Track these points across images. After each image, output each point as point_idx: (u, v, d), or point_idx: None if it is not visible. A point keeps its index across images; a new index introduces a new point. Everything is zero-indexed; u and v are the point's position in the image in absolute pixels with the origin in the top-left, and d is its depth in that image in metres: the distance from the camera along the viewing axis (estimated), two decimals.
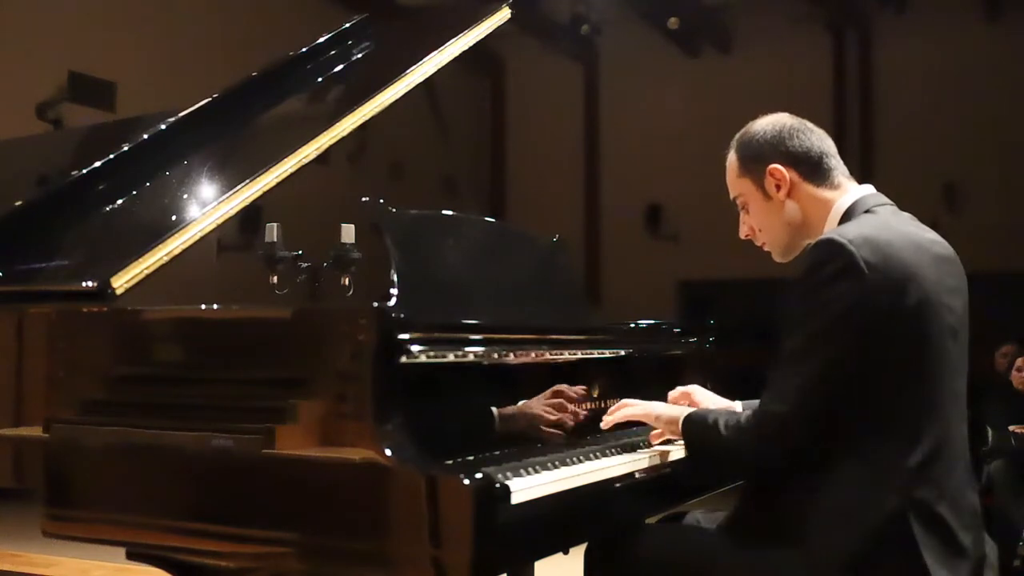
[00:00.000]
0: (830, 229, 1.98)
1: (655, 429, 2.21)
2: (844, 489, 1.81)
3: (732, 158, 2.14)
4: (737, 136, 2.14)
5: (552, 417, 2.20)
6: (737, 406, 2.30)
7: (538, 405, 2.19)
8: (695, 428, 2.03)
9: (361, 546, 1.75)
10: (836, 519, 1.80)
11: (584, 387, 2.33)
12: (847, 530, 1.79)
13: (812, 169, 2.05)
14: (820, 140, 2.08)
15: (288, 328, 1.92)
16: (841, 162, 2.09)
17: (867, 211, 1.98)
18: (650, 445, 2.22)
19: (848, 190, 2.05)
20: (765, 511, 1.93)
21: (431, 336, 1.90)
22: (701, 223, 10.40)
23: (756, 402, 2.00)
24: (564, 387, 2.26)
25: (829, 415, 1.84)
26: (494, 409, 2.09)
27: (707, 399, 2.29)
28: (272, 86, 2.94)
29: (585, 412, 2.31)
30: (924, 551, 1.77)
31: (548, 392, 2.23)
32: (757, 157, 2.08)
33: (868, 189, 2.06)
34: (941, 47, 10.39)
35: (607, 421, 2.22)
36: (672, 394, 2.34)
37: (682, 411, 2.09)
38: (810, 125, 2.09)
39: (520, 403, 2.17)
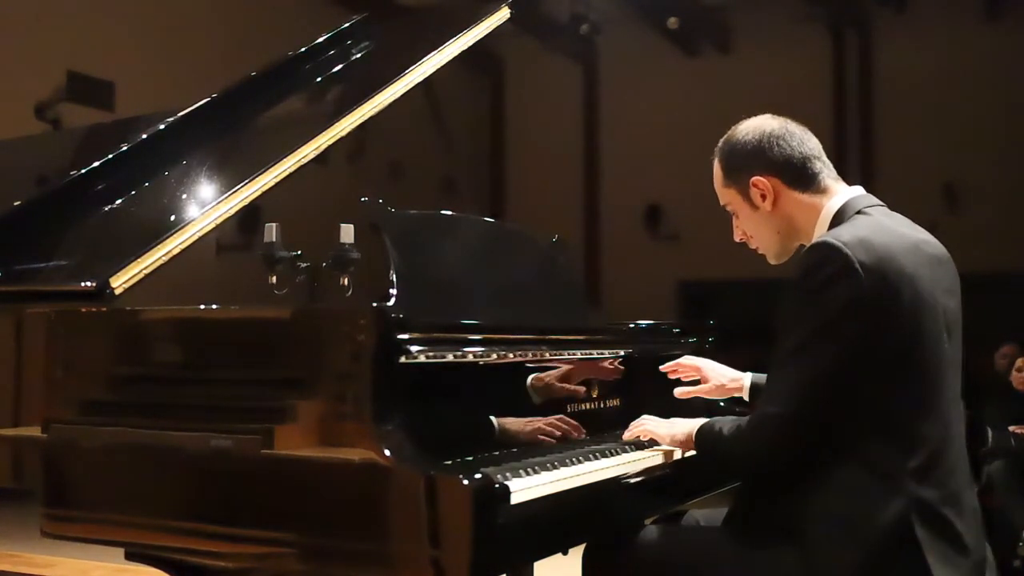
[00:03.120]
0: (822, 232, 1.98)
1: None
2: (846, 493, 1.81)
3: (716, 168, 2.13)
4: (720, 144, 2.13)
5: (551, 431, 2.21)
6: (747, 378, 2.35)
7: (539, 422, 2.19)
8: (705, 439, 2.04)
9: (360, 546, 1.74)
10: (839, 523, 1.80)
11: (584, 390, 2.33)
12: (851, 535, 1.79)
13: (796, 176, 2.03)
14: (801, 144, 2.04)
15: (287, 328, 1.92)
16: (828, 163, 2.07)
17: (859, 212, 1.97)
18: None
19: (836, 192, 2.03)
20: (765, 513, 1.92)
21: (430, 336, 1.89)
22: (701, 223, 10.37)
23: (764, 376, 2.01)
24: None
25: (829, 418, 1.84)
26: (494, 419, 2.09)
27: (715, 374, 2.36)
28: (271, 86, 2.94)
29: (585, 411, 2.32)
30: (928, 555, 1.76)
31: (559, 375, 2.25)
32: (739, 168, 2.06)
33: (858, 190, 2.05)
34: (941, 47, 10.39)
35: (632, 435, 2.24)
36: (683, 361, 2.42)
37: (693, 427, 2.08)
38: (792, 128, 2.06)
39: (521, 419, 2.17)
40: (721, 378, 2.38)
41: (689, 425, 2.11)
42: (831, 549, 1.79)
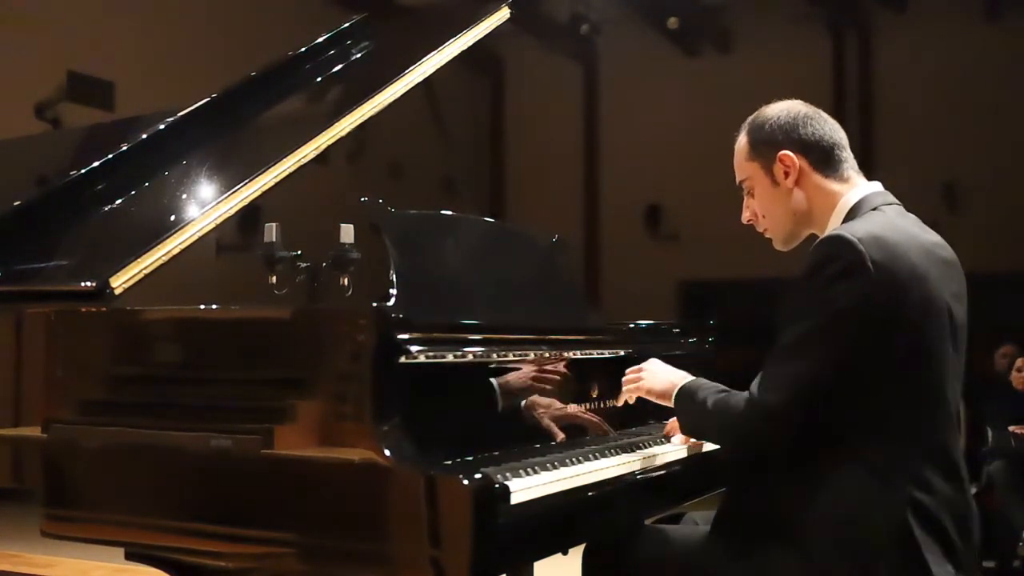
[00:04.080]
0: (836, 223, 1.97)
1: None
2: (844, 493, 1.81)
3: (743, 140, 2.10)
4: (749, 119, 2.11)
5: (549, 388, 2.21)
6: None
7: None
8: (686, 402, 2.04)
9: (360, 546, 1.74)
10: (836, 524, 1.80)
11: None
12: (848, 535, 1.79)
13: (823, 159, 2.03)
14: (833, 130, 2.05)
15: (287, 328, 1.92)
16: (851, 155, 2.07)
17: (874, 209, 1.96)
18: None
19: (856, 184, 2.03)
20: (762, 512, 1.92)
21: (430, 336, 1.89)
22: (701, 223, 10.42)
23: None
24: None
25: (827, 416, 1.83)
26: (494, 381, 2.09)
27: (657, 373, 2.19)
28: (271, 86, 2.94)
29: (584, 411, 2.32)
30: (927, 553, 1.76)
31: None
32: (769, 142, 2.05)
33: (876, 186, 2.04)
34: (941, 47, 10.39)
35: (623, 399, 2.23)
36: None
37: (675, 384, 2.09)
38: (824, 115, 2.07)
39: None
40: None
41: (670, 380, 2.11)
42: (828, 549, 1.79)
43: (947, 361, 1.87)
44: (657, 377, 2.16)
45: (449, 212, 2.55)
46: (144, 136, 2.67)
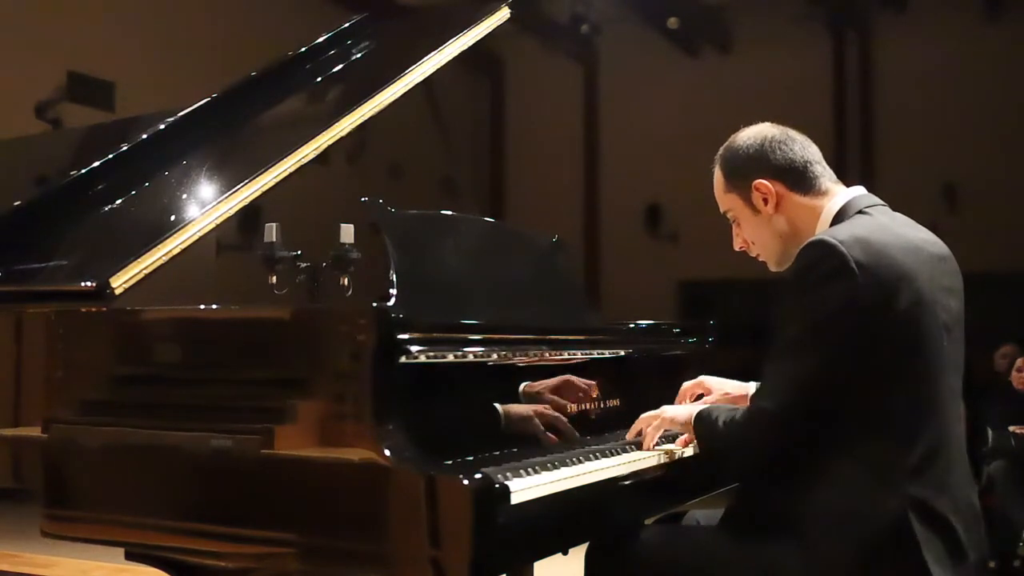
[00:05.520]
0: (823, 231, 1.98)
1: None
2: (843, 490, 1.81)
3: (717, 174, 2.14)
4: (720, 151, 2.14)
5: (556, 413, 2.22)
6: (751, 387, 2.28)
7: (541, 405, 2.20)
8: (702, 426, 2.05)
9: (360, 546, 1.74)
10: (836, 520, 1.81)
11: (590, 383, 2.33)
12: (848, 531, 1.79)
13: (798, 179, 2.05)
14: (803, 148, 2.07)
15: (287, 328, 1.92)
16: (827, 167, 2.09)
17: (860, 212, 1.98)
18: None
19: (836, 194, 2.05)
20: (763, 510, 1.93)
21: (430, 336, 1.89)
22: (701, 223, 10.34)
23: None
24: (571, 378, 2.27)
25: (825, 415, 1.84)
26: (498, 407, 2.10)
27: (719, 385, 2.32)
28: (272, 86, 2.94)
29: (585, 411, 2.32)
30: (926, 552, 1.77)
31: (553, 386, 2.24)
32: (742, 173, 2.08)
33: (859, 190, 2.06)
34: (941, 47, 10.39)
35: (646, 445, 2.18)
36: (685, 386, 2.36)
37: (693, 410, 2.09)
38: (792, 133, 2.09)
39: (525, 404, 2.18)
40: (723, 388, 2.33)
41: (688, 409, 2.13)
42: (829, 545, 1.80)
43: (943, 357, 1.88)
44: (677, 409, 2.19)
45: (449, 212, 2.55)
46: (144, 136, 2.67)
